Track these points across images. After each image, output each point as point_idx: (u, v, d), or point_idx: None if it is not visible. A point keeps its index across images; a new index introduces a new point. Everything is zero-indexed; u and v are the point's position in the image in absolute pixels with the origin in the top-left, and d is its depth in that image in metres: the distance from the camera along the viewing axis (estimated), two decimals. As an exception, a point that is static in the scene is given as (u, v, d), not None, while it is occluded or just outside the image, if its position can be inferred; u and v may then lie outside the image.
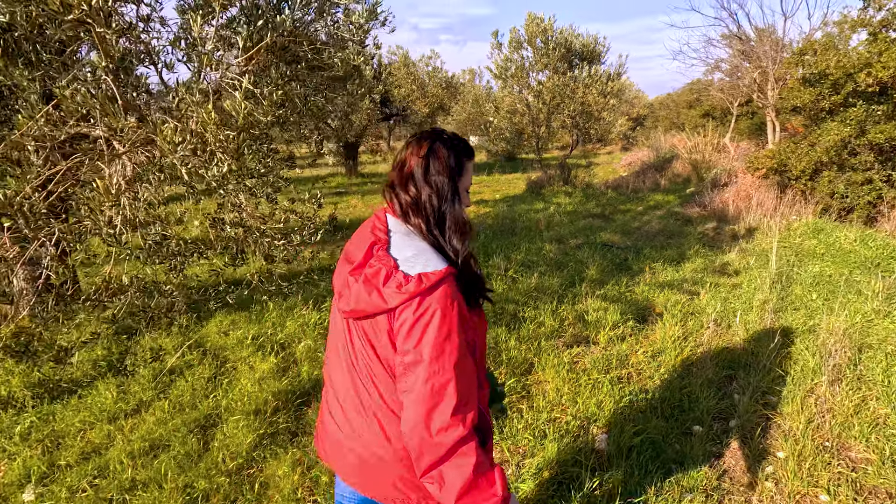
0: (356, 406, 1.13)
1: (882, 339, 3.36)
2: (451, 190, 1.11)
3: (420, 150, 1.12)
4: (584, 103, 11.08)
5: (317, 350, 3.65)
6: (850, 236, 5.50)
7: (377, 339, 1.07)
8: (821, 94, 6.36)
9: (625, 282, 4.91)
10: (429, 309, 0.98)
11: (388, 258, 1.05)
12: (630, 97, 29.62)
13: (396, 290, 0.99)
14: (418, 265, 1.02)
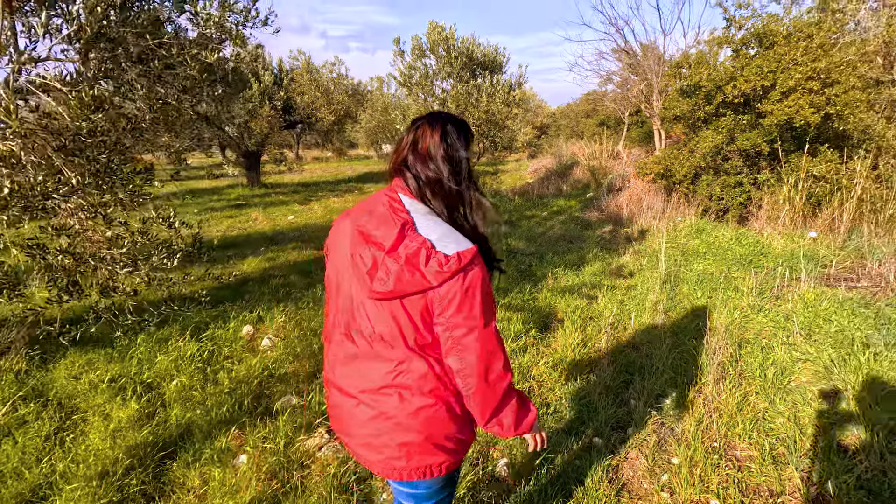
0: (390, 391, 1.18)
1: (757, 333, 3.59)
2: (468, 168, 1.18)
3: (434, 131, 1.16)
4: (489, 112, 11.26)
5: (192, 387, 3.20)
6: (727, 235, 5.97)
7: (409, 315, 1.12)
8: (696, 105, 6.90)
9: (528, 289, 4.92)
10: (471, 283, 1.07)
11: (422, 239, 1.08)
12: (534, 107, 31.00)
13: (438, 269, 1.05)
14: (452, 244, 1.08)
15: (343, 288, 1.22)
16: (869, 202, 5.65)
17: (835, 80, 5.37)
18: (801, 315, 3.72)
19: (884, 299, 4.01)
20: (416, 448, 1.19)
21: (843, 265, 4.84)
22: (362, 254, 1.13)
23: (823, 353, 3.08)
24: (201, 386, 3.25)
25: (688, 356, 3.32)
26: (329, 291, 1.29)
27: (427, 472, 1.21)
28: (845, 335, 3.29)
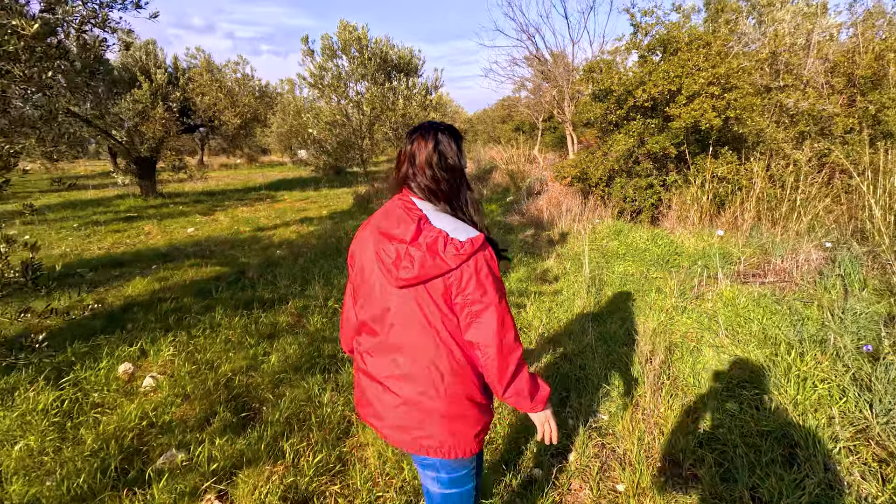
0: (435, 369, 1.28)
1: (683, 335, 3.56)
2: (461, 173, 1.33)
3: (427, 142, 1.30)
4: (406, 115, 10.96)
5: (42, 452, 2.54)
6: (644, 236, 6.09)
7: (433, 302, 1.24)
8: (608, 109, 7.05)
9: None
10: (484, 264, 1.23)
11: (438, 229, 1.23)
12: (451, 112, 31.28)
13: (456, 253, 1.20)
14: (463, 233, 1.23)
15: (370, 284, 1.34)
16: (765, 201, 6.02)
17: (734, 85, 5.67)
18: (722, 314, 3.75)
19: (791, 294, 4.18)
20: (441, 428, 1.30)
21: (750, 262, 5.06)
22: (386, 249, 1.26)
23: (751, 354, 3.06)
24: (55, 448, 2.59)
25: (621, 365, 3.19)
26: (357, 289, 1.40)
27: (451, 452, 1.32)
28: (767, 334, 3.33)
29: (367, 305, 1.35)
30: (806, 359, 2.72)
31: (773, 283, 4.54)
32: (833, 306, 3.70)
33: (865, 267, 4.33)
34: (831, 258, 4.58)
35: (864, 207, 5.19)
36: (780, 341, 3.12)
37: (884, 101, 5.49)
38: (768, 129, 6.13)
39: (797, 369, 2.63)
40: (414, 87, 10.61)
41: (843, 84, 6.09)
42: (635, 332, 3.56)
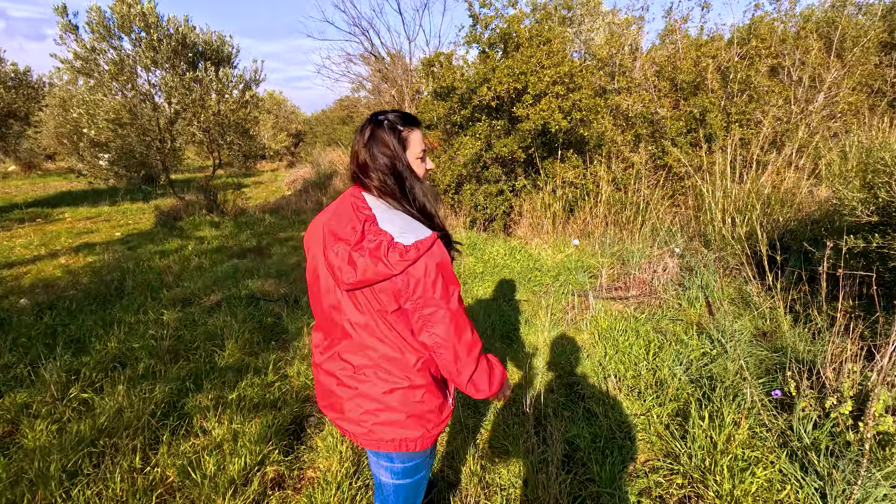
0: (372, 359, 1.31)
1: (571, 388, 2.86)
2: (404, 167, 1.26)
3: (363, 139, 1.26)
4: (221, 113, 9.10)
5: None
6: (501, 250, 5.50)
7: (381, 303, 1.24)
8: (451, 109, 6.37)
9: (273, 360, 3.41)
10: (432, 267, 1.18)
11: (383, 232, 1.19)
12: (287, 112, 28.86)
13: (400, 259, 1.16)
14: (411, 235, 1.19)
15: (322, 281, 1.33)
16: (610, 205, 5.88)
17: (578, 84, 5.36)
18: (601, 348, 3.17)
19: (659, 312, 3.82)
20: (392, 423, 1.31)
21: (610, 273, 4.73)
22: (334, 250, 1.23)
23: (654, 418, 2.44)
24: None
25: (511, 439, 2.34)
26: (310, 285, 1.39)
27: (403, 446, 1.32)
28: (658, 377, 2.78)
29: (321, 301, 1.35)
30: (725, 423, 2.15)
31: (638, 297, 4.20)
32: (708, 325, 3.36)
33: (718, 274, 4.21)
34: (686, 266, 4.41)
35: (704, 210, 5.24)
36: (681, 393, 2.55)
37: (706, 105, 5.68)
38: (608, 132, 6.00)
39: (720, 443, 2.02)
40: (227, 79, 8.82)
41: (668, 88, 6.26)
42: (523, 391, 2.76)
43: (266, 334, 3.95)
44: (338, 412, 1.37)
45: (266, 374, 3.23)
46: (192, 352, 3.60)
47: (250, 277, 5.37)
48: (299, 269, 5.78)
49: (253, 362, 3.42)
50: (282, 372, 3.31)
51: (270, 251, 6.89)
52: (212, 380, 3.16)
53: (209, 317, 4.23)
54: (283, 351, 3.66)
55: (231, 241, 7.59)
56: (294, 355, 3.57)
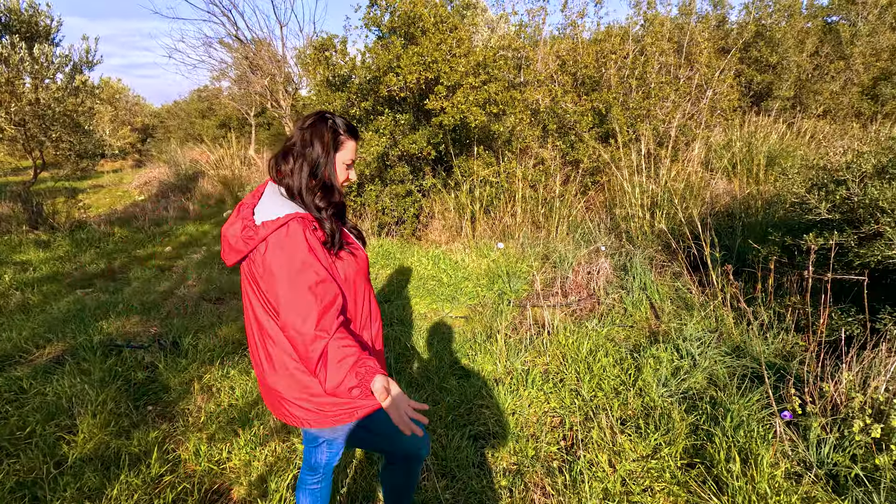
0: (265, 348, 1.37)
1: (558, 440, 2.43)
2: (325, 162, 1.33)
3: (302, 124, 1.34)
4: (40, 103, 7.18)
5: None
6: (422, 259, 4.95)
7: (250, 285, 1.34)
8: (349, 101, 5.62)
9: (155, 439, 2.49)
10: (274, 246, 1.22)
11: (249, 214, 1.29)
12: (130, 104, 24.93)
13: (250, 237, 1.25)
14: (266, 215, 1.25)
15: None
16: (526, 203, 5.65)
17: (493, 76, 4.99)
18: (574, 370, 2.80)
19: (607, 319, 3.60)
20: (284, 403, 1.39)
21: (543, 277, 4.45)
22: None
23: (671, 458, 2.09)
24: None
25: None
26: None
27: (301, 423, 1.39)
28: (646, 401, 2.47)
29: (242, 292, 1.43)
30: (761, 464, 1.86)
31: (578, 303, 3.96)
32: (672, 332, 3.19)
33: (653, 272, 4.13)
34: (619, 265, 4.28)
35: (618, 205, 5.22)
36: (676, 426, 2.25)
37: (609, 101, 5.70)
38: (519, 127, 5.76)
39: (770, 494, 1.72)
40: (47, 60, 6.94)
41: (570, 83, 6.21)
42: (484, 454, 2.25)
43: (138, 397, 2.95)
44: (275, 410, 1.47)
45: (150, 464, 2.31)
46: (21, 443, 2.50)
47: (104, 316, 4.12)
48: (174, 297, 4.62)
49: (124, 446, 2.46)
50: (172, 456, 2.42)
51: (128, 276, 5.52)
52: (59, 489, 2.16)
53: (46, 381, 3.07)
54: (167, 420, 2.72)
55: (68, 264, 5.97)
56: (186, 424, 2.66)
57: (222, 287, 4.85)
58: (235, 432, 2.54)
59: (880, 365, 2.16)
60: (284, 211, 1.25)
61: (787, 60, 8.87)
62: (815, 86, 9.05)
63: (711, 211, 4.65)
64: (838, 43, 9.24)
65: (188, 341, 3.55)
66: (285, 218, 1.23)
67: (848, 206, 2.64)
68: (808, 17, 9.89)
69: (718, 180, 5.29)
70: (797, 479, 1.88)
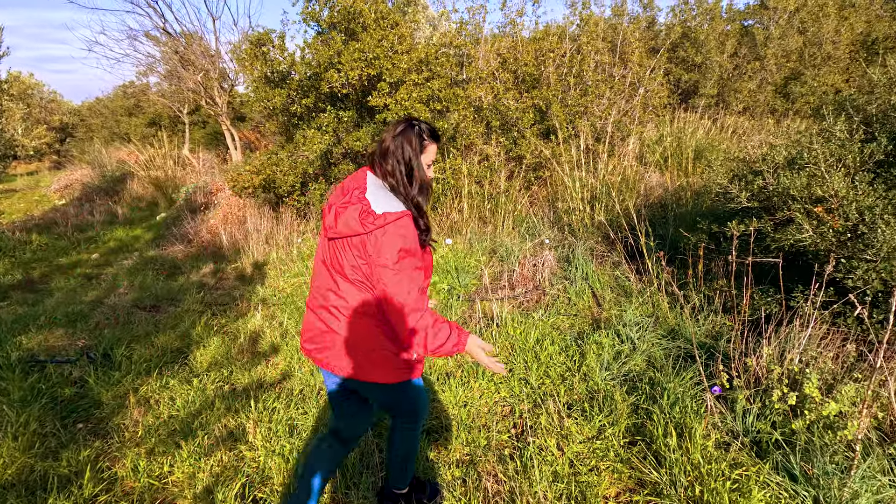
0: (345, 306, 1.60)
1: (509, 430, 2.48)
2: (416, 164, 1.58)
3: (394, 131, 1.59)
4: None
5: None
6: (368, 257, 4.89)
7: (353, 254, 1.55)
8: (290, 97, 5.47)
9: (87, 458, 2.34)
10: (393, 235, 1.47)
11: (364, 200, 1.52)
12: (45, 101, 23.05)
13: (370, 221, 1.48)
14: (384, 206, 1.50)
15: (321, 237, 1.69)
16: (472, 199, 5.73)
17: (436, 73, 5.01)
18: (520, 366, 2.87)
19: (553, 310, 3.72)
20: (351, 356, 1.61)
21: (491, 271, 4.53)
22: (329, 211, 1.60)
23: (614, 438, 2.19)
24: None
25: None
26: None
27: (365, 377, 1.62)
28: (590, 384, 2.58)
29: (320, 251, 1.69)
30: (695, 437, 1.99)
31: (525, 294, 4.06)
32: (612, 319, 3.34)
33: (594, 262, 4.31)
34: (563, 257, 4.43)
35: (560, 199, 5.40)
36: (625, 405, 2.37)
37: (549, 98, 5.87)
38: (463, 123, 5.82)
39: (703, 464, 1.85)
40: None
41: (512, 80, 6.34)
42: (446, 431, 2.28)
43: (66, 415, 2.75)
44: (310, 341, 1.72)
45: (82, 485, 2.17)
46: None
47: (23, 330, 3.81)
48: (103, 306, 4.33)
49: (52, 468, 2.29)
50: (108, 474, 2.28)
51: (50, 286, 5.11)
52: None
53: (-42, 404, 2.79)
54: (100, 438, 2.56)
55: (-21, 276, 5.45)
56: (122, 440, 2.51)
57: (158, 294, 4.60)
58: (177, 444, 2.42)
59: (795, 339, 2.37)
60: (401, 207, 1.52)
61: (710, 60, 9.47)
62: (735, 84, 9.72)
63: (646, 203, 4.90)
64: (754, 45, 9.96)
65: (121, 352, 3.35)
66: (403, 213, 1.49)
67: (764, 195, 2.87)
68: (727, 21, 10.58)
69: (652, 173, 5.59)
70: (726, 448, 2.03)
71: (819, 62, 9.39)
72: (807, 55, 9.56)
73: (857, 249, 2.43)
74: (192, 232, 6.58)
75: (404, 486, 1.96)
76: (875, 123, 2.80)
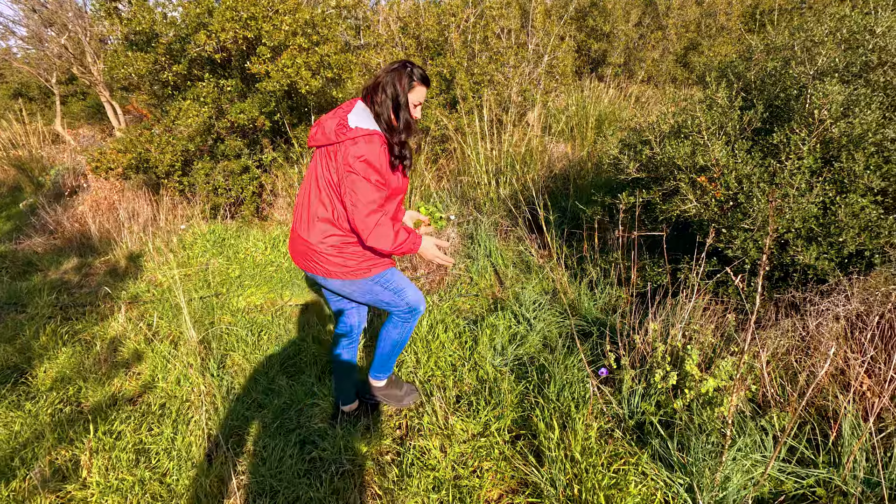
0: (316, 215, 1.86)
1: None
2: (404, 100, 1.79)
3: (389, 69, 1.80)
4: None
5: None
6: (259, 242, 4.45)
7: (325, 161, 1.82)
8: (158, 64, 4.77)
9: None
10: (359, 145, 1.72)
11: (344, 117, 1.77)
12: None
13: (342, 133, 1.73)
14: (357, 122, 1.75)
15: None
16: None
17: (325, 37, 4.53)
18: (411, 357, 2.66)
19: (454, 291, 3.54)
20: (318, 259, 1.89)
21: (392, 253, 4.26)
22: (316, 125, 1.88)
23: (499, 434, 2.04)
24: None
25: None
26: None
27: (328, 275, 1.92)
28: (492, 388, 2.41)
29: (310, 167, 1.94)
30: (577, 430, 1.87)
31: (427, 275, 3.85)
32: (508, 299, 3.20)
33: (498, 238, 4.17)
34: (467, 234, 4.25)
35: (467, 173, 5.19)
36: (512, 395, 2.23)
37: (453, 66, 5.59)
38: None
39: (582, 461, 1.73)
40: None
41: (414, 46, 5.96)
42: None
43: None
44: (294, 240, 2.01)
45: None
46: None
47: None
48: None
49: None
50: None
51: None
52: None
53: None
54: None
55: None
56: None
57: (12, 295, 3.90)
58: (-13, 490, 1.98)
59: (679, 312, 2.33)
60: (373, 127, 1.76)
61: (616, 30, 9.59)
62: (640, 53, 9.94)
63: (550, 174, 4.82)
64: (657, 15, 10.21)
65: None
66: (374, 132, 1.74)
67: (653, 165, 2.81)
68: (632, -11, 10.74)
69: (557, 144, 5.52)
70: (611, 436, 1.94)
71: (714, 32, 9.81)
72: (703, 26, 9.95)
73: (736, 219, 2.42)
74: (56, 221, 5.71)
75: (384, 375, 2.26)
76: (753, 90, 2.80)
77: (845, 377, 1.92)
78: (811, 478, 1.68)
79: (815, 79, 2.39)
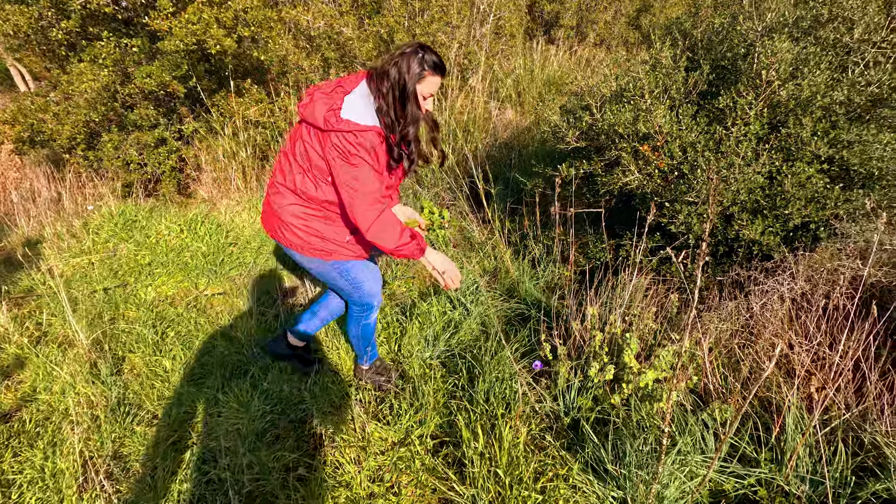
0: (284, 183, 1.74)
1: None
2: (411, 91, 1.56)
3: (399, 52, 1.56)
4: None
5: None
6: (174, 224, 4.00)
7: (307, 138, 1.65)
8: (44, 19, 4.12)
9: None
10: (349, 145, 1.54)
11: (340, 100, 1.56)
12: None
13: (331, 123, 1.54)
14: (350, 113, 1.54)
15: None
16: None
17: (238, -12, 4.01)
18: (335, 350, 2.39)
19: (388, 272, 3.26)
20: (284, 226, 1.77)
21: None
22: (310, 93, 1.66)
23: (421, 443, 1.81)
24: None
25: None
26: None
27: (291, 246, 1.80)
28: (416, 388, 2.18)
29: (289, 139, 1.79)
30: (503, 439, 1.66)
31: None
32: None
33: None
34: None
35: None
36: (439, 396, 2.00)
37: (392, 25, 5.14)
38: (292, 56, 4.92)
39: (506, 476, 1.53)
40: None
41: (349, 4, 5.45)
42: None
43: None
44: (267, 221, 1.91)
45: None
46: None
47: None
48: None
49: None
50: None
51: None
52: None
53: None
54: None
55: None
56: None
57: None
58: None
59: (619, 294, 2.14)
60: (370, 122, 1.56)
61: (568, -10, 9.22)
62: (592, 15, 9.64)
63: (495, 143, 4.55)
64: (609, -26, 9.88)
65: None
66: (368, 128, 1.55)
67: (594, 133, 2.58)
68: (584, -53, 10.34)
69: (503, 110, 5.23)
70: (541, 443, 1.75)
71: (665, -6, 9.60)
72: (655, -14, 9.72)
73: (680, 192, 2.23)
74: (-57, 204, 5.02)
75: (369, 362, 2.17)
76: (700, 49, 2.58)
77: (789, 363, 1.79)
78: (752, 477, 1.54)
79: (764, 35, 2.18)
